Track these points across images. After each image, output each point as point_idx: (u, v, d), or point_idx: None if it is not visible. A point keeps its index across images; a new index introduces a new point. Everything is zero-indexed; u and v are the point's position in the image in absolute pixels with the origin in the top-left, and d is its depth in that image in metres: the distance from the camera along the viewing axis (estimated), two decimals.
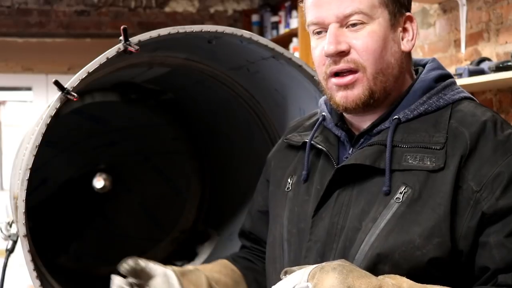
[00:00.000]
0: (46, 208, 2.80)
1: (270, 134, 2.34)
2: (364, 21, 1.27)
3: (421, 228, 1.19)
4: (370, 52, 1.27)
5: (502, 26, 3.33)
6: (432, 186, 1.21)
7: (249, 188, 2.56)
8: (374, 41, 1.27)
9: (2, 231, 2.09)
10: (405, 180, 1.23)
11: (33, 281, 1.73)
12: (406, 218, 1.20)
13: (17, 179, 1.80)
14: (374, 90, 1.29)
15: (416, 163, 1.23)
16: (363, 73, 1.28)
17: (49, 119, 1.71)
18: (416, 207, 1.20)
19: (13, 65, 6.01)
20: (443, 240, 1.18)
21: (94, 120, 2.83)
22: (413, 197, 1.21)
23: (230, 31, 1.85)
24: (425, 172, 1.22)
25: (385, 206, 1.22)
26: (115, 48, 1.74)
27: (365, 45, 1.27)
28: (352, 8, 1.27)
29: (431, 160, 1.22)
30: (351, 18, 1.27)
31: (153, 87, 2.69)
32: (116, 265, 1.63)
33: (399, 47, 1.31)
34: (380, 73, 1.28)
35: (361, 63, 1.28)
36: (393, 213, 1.21)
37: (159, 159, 2.97)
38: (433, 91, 1.31)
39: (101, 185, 2.86)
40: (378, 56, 1.28)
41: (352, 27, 1.28)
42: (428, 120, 1.28)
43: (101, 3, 6.06)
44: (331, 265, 1.12)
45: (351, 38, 1.28)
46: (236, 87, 2.29)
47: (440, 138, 1.24)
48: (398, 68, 1.31)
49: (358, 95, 1.29)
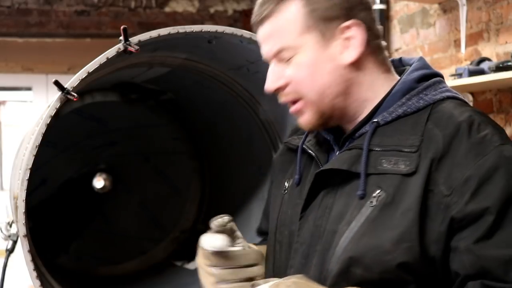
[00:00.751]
0: (46, 208, 2.80)
1: (270, 134, 2.34)
2: (292, 54, 1.30)
3: (391, 232, 1.18)
4: (301, 81, 1.30)
5: (502, 26, 3.33)
6: (404, 190, 1.19)
7: (249, 188, 2.56)
8: (302, 70, 1.29)
9: (2, 231, 2.09)
10: (380, 184, 1.22)
11: (33, 281, 1.73)
12: (378, 222, 1.20)
13: (17, 179, 1.80)
14: (323, 111, 1.31)
15: (390, 166, 1.22)
16: (304, 100, 1.31)
17: (49, 119, 1.71)
18: (388, 211, 1.20)
19: (13, 65, 6.01)
20: (411, 245, 1.16)
21: (94, 120, 2.83)
22: (386, 201, 1.20)
23: (230, 31, 1.85)
24: (399, 176, 1.21)
25: (360, 209, 1.22)
26: (115, 48, 1.74)
27: (295, 76, 1.30)
28: (276, 47, 1.31)
29: (405, 164, 1.21)
30: (279, 55, 1.31)
31: (153, 87, 2.69)
32: (116, 265, 1.63)
33: (336, 63, 1.29)
34: (320, 95, 1.30)
35: (298, 93, 1.31)
36: (366, 216, 1.21)
37: (159, 159, 2.97)
38: (413, 92, 1.29)
39: (101, 185, 2.87)
40: (310, 83, 1.29)
41: (287, 61, 1.31)
42: (406, 122, 1.26)
43: (101, 3, 6.05)
44: (286, 282, 1.16)
45: (286, 71, 1.31)
46: (236, 87, 2.29)
47: (415, 141, 1.22)
48: (340, 85, 1.30)
49: (309, 120, 1.33)
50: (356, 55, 1.28)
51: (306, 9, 1.28)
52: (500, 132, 1.22)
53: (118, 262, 2.88)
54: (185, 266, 2.73)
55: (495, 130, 1.22)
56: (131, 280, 2.79)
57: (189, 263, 2.71)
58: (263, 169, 2.45)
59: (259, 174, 2.49)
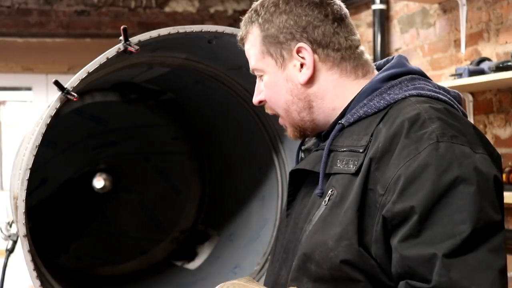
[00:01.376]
0: (46, 208, 2.80)
1: (270, 134, 2.34)
2: (262, 74, 1.39)
3: (334, 230, 1.21)
4: (269, 100, 1.40)
5: (502, 26, 3.33)
6: (350, 190, 1.22)
7: (249, 188, 2.56)
8: (268, 89, 1.38)
9: (2, 231, 2.09)
10: (333, 184, 1.26)
11: (33, 281, 1.73)
12: (327, 221, 1.24)
13: (17, 179, 1.80)
14: (296, 125, 1.39)
15: (342, 166, 1.26)
16: (281, 115, 1.40)
17: (49, 119, 1.71)
18: (336, 210, 1.23)
19: (13, 65, 6.01)
20: (350, 243, 1.19)
21: (94, 120, 2.83)
22: (335, 200, 1.24)
23: (230, 31, 1.85)
24: (348, 175, 1.24)
25: (317, 208, 1.28)
26: (115, 48, 1.74)
27: (265, 95, 1.39)
28: (251, 66, 1.40)
29: (354, 164, 1.24)
30: (255, 73, 1.41)
31: (153, 87, 2.69)
32: (116, 265, 1.63)
33: (294, 82, 1.36)
34: (286, 112, 1.38)
35: (274, 109, 1.41)
36: (319, 215, 1.26)
37: (159, 159, 2.97)
38: (376, 93, 1.31)
39: (101, 185, 2.87)
40: (275, 101, 1.39)
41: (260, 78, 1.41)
42: (364, 123, 1.29)
43: (101, 3, 6.05)
44: (226, 283, 1.25)
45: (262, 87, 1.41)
46: (236, 87, 2.29)
47: (365, 141, 1.25)
48: (302, 101, 1.36)
49: (292, 133, 1.41)
50: (307, 76, 1.35)
51: (262, 35, 1.36)
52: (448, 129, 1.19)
53: (118, 262, 2.88)
54: (185, 266, 2.73)
55: (442, 127, 1.19)
56: (131, 280, 2.79)
57: (189, 263, 2.71)
58: (263, 169, 2.45)
59: (259, 174, 2.49)
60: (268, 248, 2.32)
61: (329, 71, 1.36)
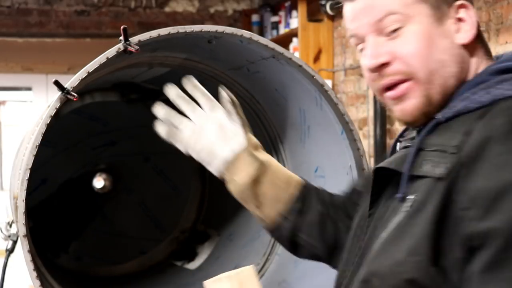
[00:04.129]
0: (46, 208, 2.80)
1: (270, 134, 2.33)
2: (401, 24, 1.15)
3: (406, 242, 1.06)
4: (415, 55, 1.15)
5: (502, 26, 3.33)
6: (431, 196, 1.07)
7: None
8: (417, 42, 1.14)
9: (2, 231, 2.09)
10: (417, 188, 1.10)
11: (33, 281, 1.73)
12: (402, 230, 1.09)
13: (17, 179, 1.80)
14: (432, 96, 1.16)
15: (429, 168, 1.09)
16: (414, 80, 1.15)
17: (49, 119, 1.71)
18: (414, 219, 1.08)
19: (13, 65, 6.01)
20: (421, 259, 1.03)
21: (94, 120, 2.83)
22: (415, 208, 1.08)
23: (230, 31, 1.84)
24: (433, 179, 1.08)
25: (396, 214, 1.12)
26: (115, 48, 1.74)
27: (408, 50, 1.15)
28: (384, 11, 1.15)
29: (440, 166, 1.07)
30: (385, 22, 1.16)
31: (153, 87, 2.69)
32: (116, 265, 1.63)
33: (452, 41, 1.16)
34: (433, 75, 1.15)
35: (408, 71, 1.15)
36: (397, 223, 1.11)
37: (159, 159, 2.97)
38: (482, 85, 1.13)
39: (101, 185, 2.86)
40: (425, 58, 1.14)
41: (392, 34, 1.16)
42: (465, 119, 1.10)
43: (101, 3, 6.05)
44: (224, 276, 1.23)
45: (391, 46, 1.16)
46: (236, 87, 2.29)
47: (459, 141, 1.07)
48: (456, 65, 1.16)
49: (414, 105, 1.17)
50: (471, 36, 1.17)
51: None
52: None
53: (118, 262, 2.87)
54: (185, 266, 2.73)
55: None
56: (131, 280, 2.79)
57: (189, 263, 2.71)
58: None
59: None
60: (268, 248, 2.32)
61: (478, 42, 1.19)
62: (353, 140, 1.93)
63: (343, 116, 1.92)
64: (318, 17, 5.42)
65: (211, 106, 1.55)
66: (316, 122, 2.06)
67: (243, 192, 1.49)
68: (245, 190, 1.49)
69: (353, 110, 5.16)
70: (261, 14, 6.20)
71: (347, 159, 1.96)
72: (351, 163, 1.95)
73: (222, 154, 1.49)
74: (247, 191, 1.48)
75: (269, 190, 1.48)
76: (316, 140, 2.11)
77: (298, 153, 2.24)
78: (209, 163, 1.54)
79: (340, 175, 2.00)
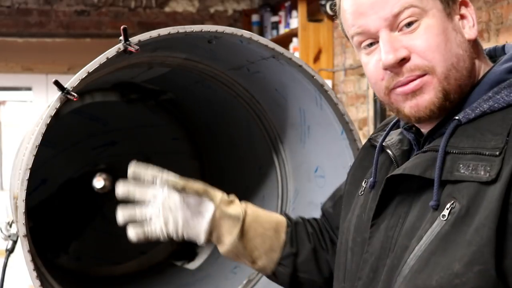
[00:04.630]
0: (46, 208, 2.80)
1: (270, 134, 2.33)
2: (417, 17, 1.11)
3: (462, 252, 1.00)
4: (434, 49, 1.11)
5: (502, 26, 3.33)
6: (481, 202, 1.01)
7: (249, 188, 2.56)
8: (435, 35, 1.11)
9: (2, 231, 2.09)
10: (454, 194, 1.05)
11: (33, 281, 1.73)
12: (449, 240, 1.03)
13: (17, 179, 1.80)
14: (448, 90, 1.12)
15: (468, 173, 1.04)
16: (432, 75, 1.11)
17: (49, 119, 1.71)
18: (462, 227, 1.02)
19: (13, 65, 6.01)
20: (485, 268, 0.98)
21: (94, 120, 2.83)
22: (459, 214, 1.03)
23: (230, 31, 1.84)
24: (477, 183, 1.03)
25: (431, 223, 1.06)
26: (115, 48, 1.74)
27: (427, 44, 1.11)
28: (400, 4, 1.11)
29: (485, 170, 1.02)
30: (402, 16, 1.12)
31: (153, 87, 2.69)
32: (116, 265, 1.63)
33: (462, 36, 1.14)
34: (450, 70, 1.11)
35: (427, 66, 1.11)
36: (437, 232, 1.05)
37: (159, 159, 2.97)
38: (503, 85, 1.10)
39: (101, 185, 2.86)
40: (444, 51, 1.11)
41: (406, 28, 1.12)
42: (491, 120, 1.07)
43: (101, 3, 6.05)
44: None
45: (408, 40, 1.12)
46: (236, 87, 2.29)
47: (499, 142, 1.03)
48: (469, 60, 1.13)
49: (430, 100, 1.12)
50: (476, 33, 1.15)
51: None
52: None
53: (118, 262, 2.87)
54: (185, 266, 2.73)
55: None
56: (131, 280, 2.79)
57: (189, 263, 2.71)
58: (263, 169, 2.45)
59: (259, 174, 2.49)
60: None
61: (476, 39, 1.18)
62: (353, 140, 1.93)
63: (343, 116, 1.92)
64: (318, 17, 5.42)
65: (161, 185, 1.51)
66: (316, 122, 2.06)
67: (234, 252, 1.50)
68: (234, 249, 1.49)
69: (353, 110, 5.16)
70: (261, 14, 6.20)
71: (347, 159, 1.96)
72: (351, 163, 1.95)
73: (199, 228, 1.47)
74: (237, 250, 1.49)
75: (260, 243, 1.49)
76: (316, 140, 2.11)
77: (298, 153, 2.24)
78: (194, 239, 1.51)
79: (340, 175, 2.00)
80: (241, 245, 1.48)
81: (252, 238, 1.49)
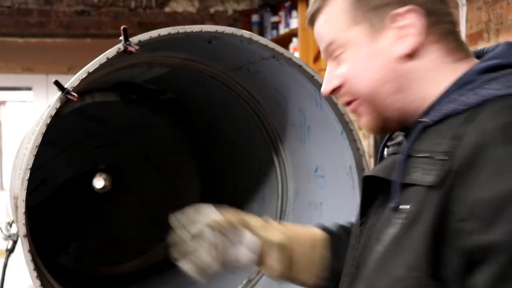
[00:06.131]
0: (46, 208, 2.80)
1: (270, 134, 2.34)
2: (342, 49, 1.16)
3: (404, 256, 1.01)
4: (352, 79, 1.16)
5: (502, 26, 3.33)
6: (425, 207, 1.00)
7: (249, 188, 2.56)
8: (352, 67, 1.15)
9: (2, 231, 2.09)
10: (409, 197, 1.04)
11: (33, 281, 1.73)
12: (399, 243, 1.03)
13: (17, 179, 1.80)
14: (381, 112, 1.15)
15: (420, 176, 1.03)
16: (362, 99, 1.16)
17: (49, 119, 1.71)
18: (410, 231, 1.02)
19: (13, 65, 6.01)
20: (420, 276, 0.98)
21: (94, 120, 2.83)
22: (411, 219, 1.02)
23: (230, 31, 1.85)
24: (425, 188, 1.02)
25: (389, 225, 1.07)
26: (115, 48, 1.74)
27: (346, 74, 1.16)
28: (325, 42, 1.18)
29: (433, 174, 1.01)
30: (329, 50, 1.18)
31: (153, 87, 2.69)
32: (116, 265, 1.64)
33: (388, 56, 1.12)
34: (374, 94, 1.14)
35: (354, 93, 1.16)
36: (392, 235, 1.05)
37: (159, 159, 2.97)
38: (469, 86, 1.06)
39: (101, 185, 2.87)
40: (361, 81, 1.14)
41: (337, 59, 1.18)
42: (452, 123, 1.04)
43: (101, 3, 6.05)
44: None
45: (338, 70, 1.18)
46: (236, 87, 2.29)
47: (449, 146, 1.00)
48: (396, 80, 1.12)
49: (367, 123, 1.18)
50: (412, 46, 1.11)
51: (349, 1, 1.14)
52: None
53: (118, 262, 2.88)
54: None
55: None
56: (131, 280, 2.79)
57: None
58: (263, 169, 2.45)
59: (259, 174, 2.49)
60: None
61: (432, 45, 1.12)
62: (353, 140, 1.93)
63: (343, 116, 1.92)
64: None
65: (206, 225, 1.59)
66: (316, 122, 2.06)
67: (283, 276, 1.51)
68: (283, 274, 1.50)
69: None
70: (261, 14, 6.20)
71: (347, 159, 1.96)
72: (351, 163, 1.95)
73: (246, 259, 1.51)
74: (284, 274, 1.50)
75: (303, 263, 1.49)
76: (316, 140, 2.11)
77: (298, 153, 2.24)
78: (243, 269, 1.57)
79: (340, 175, 2.00)
80: (288, 270, 1.49)
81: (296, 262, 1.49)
